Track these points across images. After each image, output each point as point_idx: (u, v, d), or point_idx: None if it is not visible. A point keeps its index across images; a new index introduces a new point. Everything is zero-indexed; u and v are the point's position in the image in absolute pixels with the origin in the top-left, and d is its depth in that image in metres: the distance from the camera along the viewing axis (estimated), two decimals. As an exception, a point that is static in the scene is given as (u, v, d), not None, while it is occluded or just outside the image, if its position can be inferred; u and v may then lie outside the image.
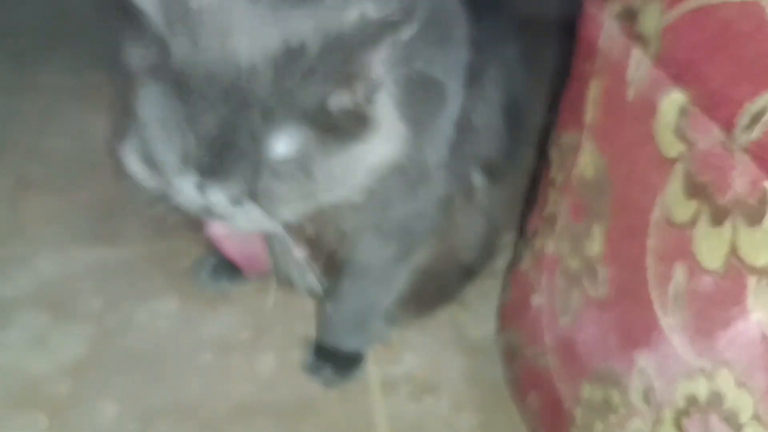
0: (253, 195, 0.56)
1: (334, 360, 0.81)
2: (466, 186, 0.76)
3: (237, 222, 0.58)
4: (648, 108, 0.50)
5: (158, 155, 0.57)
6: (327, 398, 0.79)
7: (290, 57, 0.53)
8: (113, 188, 1.02)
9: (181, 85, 0.54)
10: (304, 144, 0.54)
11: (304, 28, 0.54)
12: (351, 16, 0.53)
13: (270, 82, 0.53)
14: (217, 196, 0.55)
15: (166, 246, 0.95)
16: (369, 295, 0.78)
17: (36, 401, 0.75)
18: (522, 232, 0.74)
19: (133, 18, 0.56)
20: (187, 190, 0.56)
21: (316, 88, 0.53)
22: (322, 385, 0.80)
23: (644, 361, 0.49)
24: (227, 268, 0.89)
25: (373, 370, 0.83)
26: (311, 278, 0.79)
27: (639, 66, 0.51)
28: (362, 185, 0.60)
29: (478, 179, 0.77)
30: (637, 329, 0.50)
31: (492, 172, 0.77)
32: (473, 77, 0.68)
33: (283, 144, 0.54)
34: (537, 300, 0.66)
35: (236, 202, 0.56)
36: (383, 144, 0.59)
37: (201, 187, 0.55)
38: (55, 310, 0.85)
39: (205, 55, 0.53)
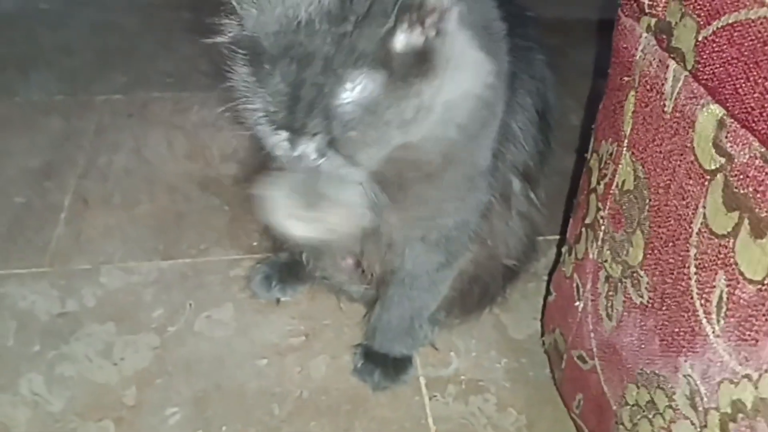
0: (333, 144, 0.57)
1: (382, 364, 0.84)
2: (505, 192, 0.78)
3: (325, 171, 0.59)
4: (686, 121, 0.51)
5: (249, 119, 0.60)
6: (377, 399, 0.82)
7: (343, 2, 0.53)
8: (168, 203, 1.08)
9: (253, 50, 0.56)
10: (369, 89, 0.55)
11: None
12: None
13: (326, 31, 0.54)
14: (304, 149, 0.58)
15: (219, 258, 0.99)
16: (416, 301, 0.81)
17: (104, 410, 0.80)
18: (565, 238, 0.76)
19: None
20: (279, 145, 0.59)
21: (373, 29, 0.53)
22: (371, 388, 0.83)
23: (689, 366, 0.51)
24: (278, 277, 0.93)
25: (420, 372, 0.85)
26: (358, 287, 0.81)
27: (676, 79, 0.52)
28: (443, 120, 0.60)
29: (516, 184, 0.79)
30: (680, 335, 0.52)
31: (528, 176, 0.79)
32: (510, 84, 0.70)
33: (347, 92, 0.54)
34: (581, 304, 0.68)
35: (321, 152, 0.58)
36: (460, 76, 0.58)
37: (290, 142, 0.58)
38: (118, 322, 0.89)
39: (268, 18, 0.55)
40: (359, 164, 0.59)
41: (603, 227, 0.63)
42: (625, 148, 0.60)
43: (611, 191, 0.62)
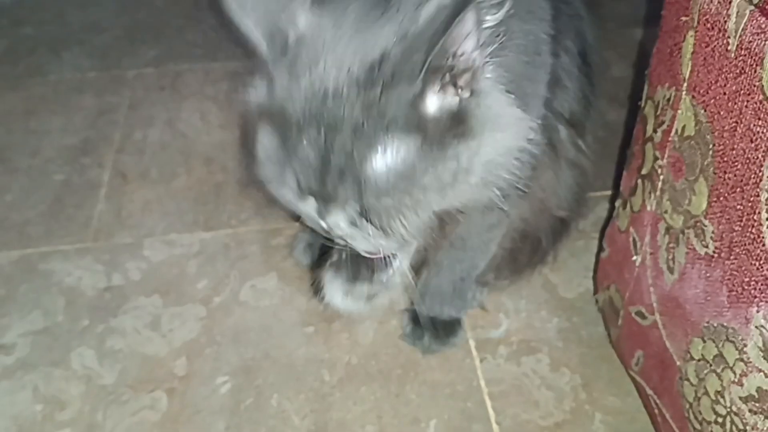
0: (365, 213, 0.56)
1: (432, 327, 0.82)
2: (552, 140, 0.75)
3: (357, 242, 0.59)
4: (753, 58, 0.48)
5: (277, 188, 0.59)
6: (428, 363, 0.81)
7: (371, 69, 0.53)
8: (205, 174, 1.07)
9: (282, 119, 0.55)
10: (402, 154, 0.53)
11: (384, 37, 0.53)
12: (429, 10, 0.52)
13: (355, 99, 0.52)
14: (335, 219, 0.57)
15: (260, 227, 0.98)
16: (465, 263, 0.79)
17: (155, 381, 0.80)
18: (617, 192, 0.73)
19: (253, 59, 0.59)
20: (310, 215, 0.58)
21: (402, 93, 0.52)
22: (421, 352, 0.82)
23: (762, 317, 0.48)
24: (321, 245, 0.92)
25: (470, 334, 0.84)
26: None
27: (740, 15, 0.49)
28: (485, 182, 0.58)
29: (563, 132, 0.76)
30: (752, 284, 0.49)
31: (575, 123, 0.76)
32: (554, 30, 0.67)
33: (378, 157, 0.53)
34: (638, 259, 0.66)
35: (352, 221, 0.56)
36: (499, 134, 0.57)
37: (319, 212, 0.57)
38: (164, 294, 0.89)
39: (296, 86, 0.54)
40: (393, 234, 0.57)
41: (662, 177, 0.60)
42: (684, 92, 0.57)
43: (670, 138, 0.59)
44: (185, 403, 0.78)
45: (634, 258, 0.66)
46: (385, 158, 0.53)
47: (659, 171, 0.61)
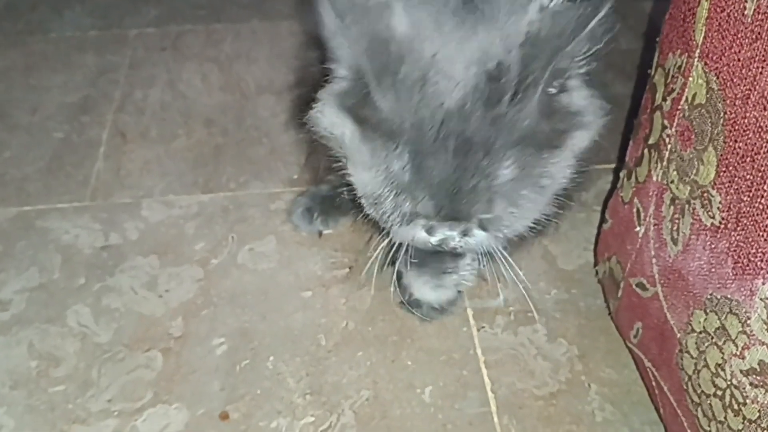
0: (485, 223, 0.57)
1: (430, 295, 0.82)
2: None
3: (469, 248, 0.61)
4: (771, 22, 0.47)
5: (382, 211, 0.60)
6: (425, 330, 0.81)
7: (492, 83, 0.52)
8: (205, 136, 1.06)
9: (392, 139, 0.55)
10: (527, 161, 0.54)
11: (493, 48, 0.53)
12: (532, 14, 0.52)
13: (482, 117, 0.52)
14: (449, 234, 0.58)
15: (259, 191, 0.97)
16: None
17: (151, 340, 0.80)
18: (621, 165, 0.72)
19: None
20: (416, 235, 0.59)
21: (530, 102, 0.52)
22: (419, 319, 0.82)
23: (767, 288, 0.48)
24: (320, 209, 0.91)
25: (468, 303, 0.83)
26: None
27: (760, -23, 0.48)
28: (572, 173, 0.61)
29: None
30: (758, 256, 0.48)
31: None
32: None
33: (508, 170, 0.54)
34: (641, 230, 0.65)
35: (464, 234, 0.58)
36: (587, 131, 0.59)
37: (431, 231, 0.58)
38: (161, 254, 0.89)
39: (409, 104, 0.53)
40: (505, 237, 0.61)
41: (669, 146, 0.59)
42: (696, 59, 0.55)
43: (679, 107, 0.58)
44: (181, 362, 0.77)
45: (637, 229, 0.65)
46: (513, 169, 0.54)
47: (667, 140, 0.60)
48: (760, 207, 0.48)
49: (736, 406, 0.51)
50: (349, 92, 0.58)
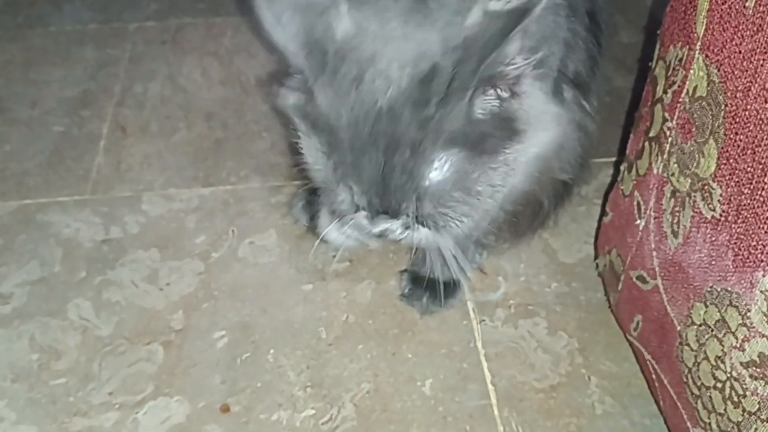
0: (421, 219, 0.59)
1: (430, 288, 0.82)
2: (558, 100, 0.74)
3: (412, 241, 0.62)
4: (772, 14, 0.46)
5: (328, 201, 0.63)
6: (425, 323, 0.81)
7: (423, 84, 0.53)
8: (206, 130, 1.06)
9: (330, 135, 0.56)
10: (456, 164, 0.55)
11: (429, 47, 0.53)
12: (474, 17, 0.52)
13: (410, 118, 0.53)
14: (389, 226, 0.60)
15: (260, 184, 0.97)
16: (467, 223, 0.78)
17: (152, 334, 0.80)
18: (622, 158, 0.72)
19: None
20: (361, 223, 0.61)
21: (459, 105, 0.52)
22: (419, 313, 0.82)
23: (767, 280, 0.48)
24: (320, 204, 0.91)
25: (468, 296, 0.83)
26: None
27: (761, -31, 0.47)
28: (525, 176, 0.61)
29: (568, 92, 0.74)
30: (759, 248, 0.48)
31: (579, 84, 0.75)
32: None
33: (437, 172, 0.55)
34: (642, 222, 0.65)
35: (406, 227, 0.60)
36: (540, 135, 0.58)
37: (372, 221, 0.60)
38: (162, 248, 0.89)
39: (346, 102, 0.54)
40: (449, 234, 0.62)
41: (670, 139, 0.59)
42: (697, 51, 0.55)
43: (680, 99, 0.58)
44: (181, 356, 0.78)
45: (638, 222, 0.65)
46: (442, 171, 0.55)
47: (667, 133, 0.60)
48: (761, 199, 0.48)
49: (736, 399, 0.52)
50: (297, 88, 0.60)
